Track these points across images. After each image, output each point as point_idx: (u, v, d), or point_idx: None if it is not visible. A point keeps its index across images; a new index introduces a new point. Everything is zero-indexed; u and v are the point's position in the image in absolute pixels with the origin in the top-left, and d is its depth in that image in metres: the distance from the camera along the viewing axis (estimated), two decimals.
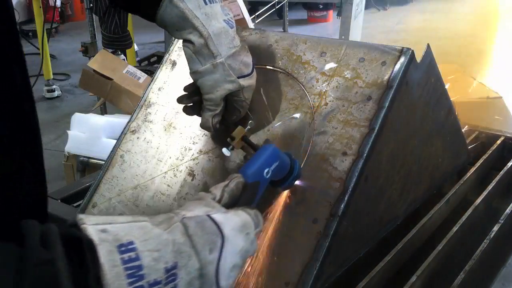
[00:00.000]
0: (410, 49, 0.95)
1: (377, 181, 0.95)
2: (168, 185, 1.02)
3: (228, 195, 0.75)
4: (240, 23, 4.77)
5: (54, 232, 0.57)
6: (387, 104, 0.91)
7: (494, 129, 1.49)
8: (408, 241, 1.03)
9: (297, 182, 0.90)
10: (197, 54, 0.91)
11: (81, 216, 0.61)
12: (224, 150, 0.93)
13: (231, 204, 0.75)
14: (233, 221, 0.70)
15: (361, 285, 0.90)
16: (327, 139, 0.93)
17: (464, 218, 1.12)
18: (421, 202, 1.14)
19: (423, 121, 1.07)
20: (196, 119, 1.07)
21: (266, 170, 0.80)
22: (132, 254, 0.59)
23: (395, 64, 0.94)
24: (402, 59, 0.94)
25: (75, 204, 1.17)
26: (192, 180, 1.01)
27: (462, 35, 6.97)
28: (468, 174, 1.26)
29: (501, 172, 1.30)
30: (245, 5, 4.96)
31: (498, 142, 1.42)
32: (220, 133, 1.01)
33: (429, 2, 8.97)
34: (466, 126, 1.48)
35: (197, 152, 1.03)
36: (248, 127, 0.96)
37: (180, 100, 0.96)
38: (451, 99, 1.17)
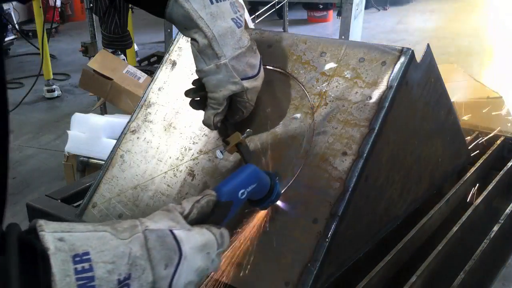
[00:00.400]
0: (410, 49, 0.95)
1: (377, 181, 0.95)
2: (168, 185, 1.02)
3: (197, 211, 0.75)
4: None
5: (12, 238, 0.58)
6: (387, 104, 0.91)
7: (494, 129, 1.48)
8: (408, 241, 1.03)
9: (279, 203, 0.89)
10: (202, 53, 0.92)
11: (40, 222, 0.61)
12: (218, 152, 0.95)
13: (200, 220, 0.75)
14: (195, 239, 0.70)
15: (361, 285, 0.90)
16: (327, 139, 0.93)
17: (464, 218, 1.12)
18: (421, 202, 1.14)
19: (423, 121, 1.07)
20: (196, 120, 1.07)
21: (241, 191, 0.79)
22: (86, 265, 0.60)
23: (395, 64, 0.94)
24: (402, 59, 0.94)
25: (75, 204, 1.17)
26: (192, 180, 1.01)
27: (462, 35, 6.97)
28: (468, 174, 1.26)
29: (501, 172, 1.30)
30: (245, 5, 4.96)
31: (498, 142, 1.42)
32: (220, 133, 1.01)
33: (429, 2, 8.97)
34: (466, 126, 1.48)
35: (197, 152, 1.03)
36: (245, 134, 0.96)
37: (187, 93, 0.97)
38: (451, 99, 1.17)
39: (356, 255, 0.96)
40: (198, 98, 0.96)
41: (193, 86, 0.97)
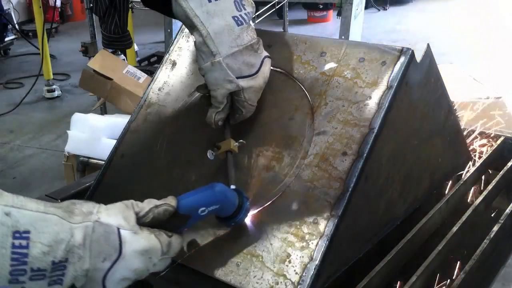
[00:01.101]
0: (410, 49, 0.95)
1: (377, 181, 0.95)
2: (168, 185, 1.02)
3: (152, 215, 0.78)
4: None
5: None
6: (387, 104, 0.91)
7: (494, 129, 1.48)
8: (408, 241, 1.03)
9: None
10: (199, 51, 0.93)
11: None
12: (209, 152, 0.96)
13: (154, 224, 0.78)
14: (138, 243, 0.74)
15: (361, 285, 0.90)
16: (327, 139, 0.93)
17: (464, 218, 1.12)
18: (421, 202, 1.14)
19: (423, 121, 1.07)
20: (195, 120, 1.07)
21: (202, 209, 0.81)
22: (23, 242, 0.67)
23: (395, 64, 0.94)
24: (402, 59, 0.94)
25: None
26: (192, 180, 1.01)
27: (462, 35, 6.97)
28: (468, 174, 1.26)
29: (501, 172, 1.30)
30: None
31: (498, 142, 1.41)
32: (219, 133, 1.01)
33: (429, 2, 8.97)
34: (466, 126, 1.48)
35: (197, 152, 1.03)
36: (237, 144, 0.96)
37: (198, 88, 0.99)
38: (451, 99, 1.17)
39: (356, 255, 0.96)
40: (208, 94, 0.97)
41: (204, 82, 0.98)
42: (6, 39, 6.29)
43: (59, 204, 0.74)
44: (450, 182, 1.25)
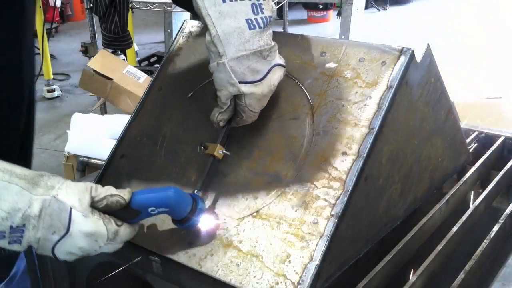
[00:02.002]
0: (410, 49, 0.95)
1: (377, 181, 0.95)
2: (168, 185, 1.02)
3: (106, 203, 0.84)
4: None
5: None
6: (387, 104, 0.91)
7: (494, 129, 1.48)
8: (408, 241, 1.03)
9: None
10: (209, 50, 0.93)
11: None
12: (199, 148, 0.97)
13: (107, 211, 0.85)
14: (85, 226, 0.82)
15: (361, 285, 0.90)
16: (327, 139, 0.93)
17: (464, 218, 1.12)
18: (421, 202, 1.14)
19: (423, 121, 1.07)
20: (195, 120, 1.07)
21: (151, 208, 0.86)
22: None
23: (395, 64, 0.94)
24: (402, 59, 0.94)
25: None
26: (192, 180, 1.01)
27: (462, 35, 6.97)
28: (468, 174, 1.26)
29: (501, 172, 1.30)
30: None
31: (498, 142, 1.41)
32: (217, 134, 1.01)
33: (429, 2, 8.97)
34: (466, 126, 1.48)
35: (197, 153, 1.03)
36: (221, 152, 0.96)
37: (212, 84, 0.98)
38: (451, 99, 1.17)
39: (356, 255, 0.96)
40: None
41: None
42: None
43: (28, 173, 0.82)
44: (450, 182, 1.25)
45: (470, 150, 1.36)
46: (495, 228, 1.12)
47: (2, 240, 0.80)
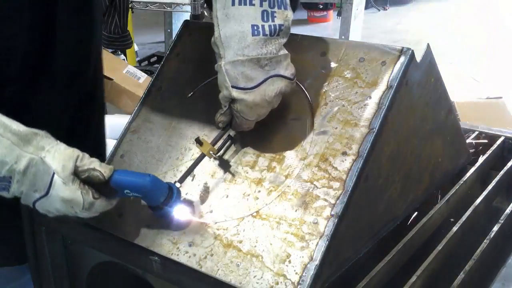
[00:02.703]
0: (410, 49, 0.95)
1: (377, 181, 0.95)
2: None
3: (87, 175, 0.88)
4: None
5: None
6: (387, 104, 0.91)
7: (494, 129, 1.48)
8: (408, 241, 1.03)
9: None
10: (214, 50, 0.93)
11: None
12: (195, 141, 0.97)
13: (87, 181, 0.89)
14: (63, 192, 0.86)
15: (361, 285, 0.90)
16: (327, 139, 0.93)
17: (464, 218, 1.12)
18: (421, 202, 1.14)
19: (423, 121, 1.07)
20: (196, 120, 1.07)
21: (127, 191, 0.91)
22: None
23: (395, 64, 0.94)
24: (402, 59, 0.94)
25: None
26: (192, 180, 1.01)
27: (462, 35, 6.97)
28: (468, 174, 1.26)
29: (501, 172, 1.30)
30: None
31: (498, 142, 1.42)
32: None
33: (429, 2, 8.98)
34: (466, 126, 1.48)
35: (197, 153, 1.03)
36: (211, 152, 0.97)
37: None
38: (451, 99, 1.17)
39: (356, 255, 0.96)
40: None
41: None
42: None
43: (23, 130, 0.86)
44: (450, 182, 1.25)
45: (470, 150, 1.36)
46: (495, 228, 1.12)
47: None
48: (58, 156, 0.87)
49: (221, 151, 1.00)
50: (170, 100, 1.12)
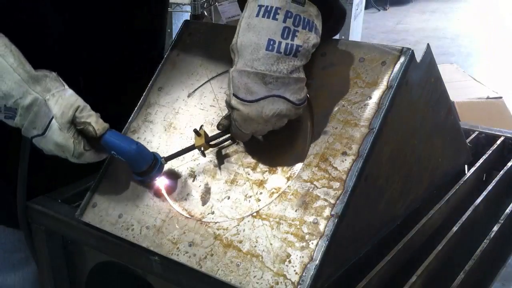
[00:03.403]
0: (410, 49, 0.95)
1: (377, 181, 0.95)
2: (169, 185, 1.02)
3: (83, 127, 0.94)
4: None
5: None
6: (387, 104, 0.91)
7: (494, 129, 1.48)
8: (408, 241, 1.03)
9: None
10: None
11: None
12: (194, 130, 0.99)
13: (81, 132, 0.95)
14: (57, 137, 0.92)
15: (361, 285, 0.90)
16: (327, 139, 0.93)
17: (464, 218, 1.12)
18: (421, 202, 1.14)
19: (423, 121, 1.07)
20: (196, 120, 1.07)
21: (113, 153, 0.98)
22: None
23: (395, 64, 0.94)
24: (402, 59, 0.94)
25: (75, 204, 1.17)
26: (193, 181, 1.01)
27: (462, 35, 6.98)
28: (468, 174, 1.26)
29: (501, 172, 1.31)
30: None
31: (498, 142, 1.42)
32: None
33: (429, 2, 8.99)
34: (466, 126, 1.48)
35: (198, 153, 1.03)
36: (202, 149, 0.98)
37: None
38: (451, 99, 1.16)
39: (356, 255, 0.96)
40: None
41: None
42: None
43: (37, 70, 0.92)
44: (450, 182, 1.25)
45: (470, 150, 1.36)
46: (495, 228, 1.12)
47: (1, 114, 0.93)
48: (60, 101, 0.92)
49: (216, 149, 1.00)
50: (170, 100, 1.12)
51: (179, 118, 1.09)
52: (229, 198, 0.95)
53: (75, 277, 1.18)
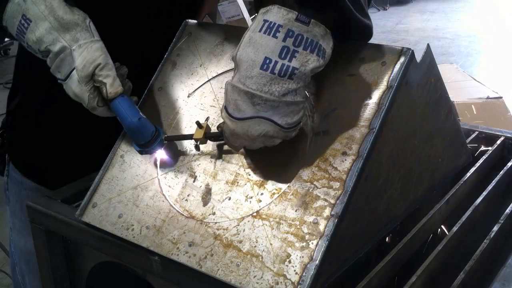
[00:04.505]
0: (410, 49, 0.95)
1: (377, 181, 0.95)
2: (169, 186, 1.02)
3: (99, 85, 0.99)
4: (240, 23, 4.78)
5: None
6: (387, 104, 0.91)
7: (494, 129, 1.48)
8: (408, 241, 1.03)
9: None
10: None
11: None
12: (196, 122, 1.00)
13: (99, 89, 1.00)
14: (76, 89, 0.98)
15: (361, 285, 0.90)
16: (327, 139, 0.93)
17: (464, 218, 1.12)
18: (421, 202, 1.14)
19: (423, 121, 1.07)
20: (195, 120, 1.07)
21: (118, 119, 1.01)
22: (25, 24, 0.98)
23: (395, 64, 0.94)
24: (402, 59, 0.94)
25: (75, 204, 1.17)
26: (194, 181, 1.01)
27: (462, 35, 6.98)
28: (468, 174, 1.26)
29: (501, 172, 1.30)
30: (245, 5, 4.96)
31: (498, 142, 1.42)
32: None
33: (429, 2, 8.99)
34: (466, 126, 1.48)
35: (198, 153, 1.03)
36: (198, 142, 0.99)
37: None
38: (451, 99, 1.16)
39: (356, 255, 0.96)
40: None
41: None
42: (6, 39, 6.28)
43: (67, 18, 0.97)
44: (450, 182, 1.25)
45: (470, 151, 1.36)
46: (495, 228, 1.12)
47: (38, 54, 1.00)
48: (84, 54, 0.96)
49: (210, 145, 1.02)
50: (170, 100, 1.12)
51: (179, 118, 1.09)
52: (230, 199, 0.95)
53: (75, 277, 1.18)
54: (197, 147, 1.01)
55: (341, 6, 0.89)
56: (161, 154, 1.04)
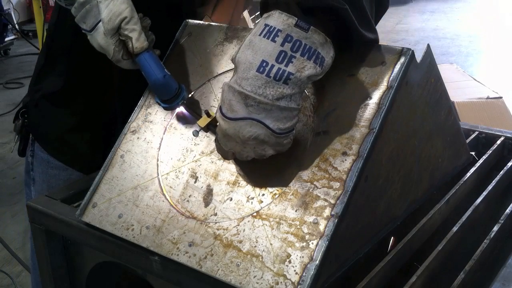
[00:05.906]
0: (410, 49, 0.95)
1: (377, 181, 0.95)
2: (170, 187, 1.02)
3: (124, 39, 1.01)
4: (240, 23, 4.78)
5: None
6: (387, 104, 0.91)
7: (494, 129, 1.48)
8: (408, 241, 1.03)
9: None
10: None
11: None
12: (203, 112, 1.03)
13: (122, 42, 1.02)
14: (101, 41, 1.00)
15: (361, 285, 0.90)
16: (327, 139, 0.93)
17: (464, 218, 1.12)
18: (421, 202, 1.14)
19: (423, 121, 1.07)
20: (195, 120, 1.07)
21: (143, 74, 1.04)
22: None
23: (395, 64, 0.94)
24: (402, 59, 0.94)
25: (75, 204, 1.17)
26: (195, 182, 1.01)
27: (462, 35, 6.98)
28: (468, 174, 1.26)
29: (501, 172, 1.31)
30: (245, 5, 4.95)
31: (498, 142, 1.42)
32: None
33: (429, 2, 8.99)
34: (466, 126, 1.49)
35: (199, 154, 1.03)
36: (199, 130, 1.03)
37: None
38: (451, 99, 1.16)
39: (356, 255, 0.96)
40: None
41: None
42: (6, 39, 6.29)
43: None
44: (450, 182, 1.25)
45: (470, 150, 1.36)
46: (495, 228, 1.12)
47: (61, 2, 1.02)
48: (111, 7, 0.97)
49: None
50: None
51: (179, 118, 1.09)
52: (231, 199, 0.95)
53: (75, 277, 1.18)
54: (196, 132, 1.04)
55: (343, 18, 0.88)
56: (182, 110, 1.07)
